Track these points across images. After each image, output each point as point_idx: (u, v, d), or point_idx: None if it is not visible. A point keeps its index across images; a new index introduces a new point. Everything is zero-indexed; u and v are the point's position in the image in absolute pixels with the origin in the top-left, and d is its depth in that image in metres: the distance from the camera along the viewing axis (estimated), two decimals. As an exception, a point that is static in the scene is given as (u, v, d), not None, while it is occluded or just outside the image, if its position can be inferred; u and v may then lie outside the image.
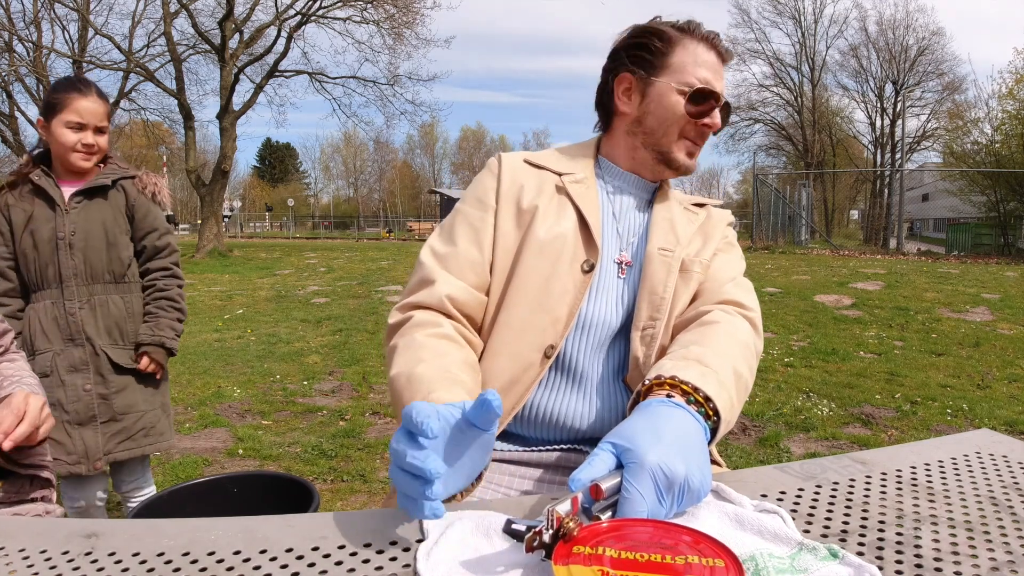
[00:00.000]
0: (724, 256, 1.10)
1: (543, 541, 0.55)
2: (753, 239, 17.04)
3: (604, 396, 1.00)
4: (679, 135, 1.06)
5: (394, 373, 0.89)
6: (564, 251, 1.01)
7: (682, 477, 0.63)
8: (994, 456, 0.83)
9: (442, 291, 0.97)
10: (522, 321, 0.98)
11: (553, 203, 1.05)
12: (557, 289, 0.99)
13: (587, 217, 1.03)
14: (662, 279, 1.01)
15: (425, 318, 0.96)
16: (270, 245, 23.11)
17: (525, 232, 1.02)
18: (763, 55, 31.32)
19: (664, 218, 1.08)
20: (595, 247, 1.02)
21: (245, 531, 0.66)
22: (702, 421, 0.74)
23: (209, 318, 7.30)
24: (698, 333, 0.93)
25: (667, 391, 0.78)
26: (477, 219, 1.04)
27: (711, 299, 1.02)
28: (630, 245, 1.07)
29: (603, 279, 1.03)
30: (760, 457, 3.19)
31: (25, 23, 17.40)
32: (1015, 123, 16.84)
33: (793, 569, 0.57)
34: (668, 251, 1.03)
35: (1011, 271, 10.29)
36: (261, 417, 3.85)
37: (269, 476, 1.50)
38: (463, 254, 1.01)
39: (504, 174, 1.07)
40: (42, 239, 1.81)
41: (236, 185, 53.97)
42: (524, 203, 1.04)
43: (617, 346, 1.03)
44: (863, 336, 5.82)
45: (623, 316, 1.03)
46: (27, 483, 1.08)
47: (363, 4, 17.17)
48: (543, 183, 1.07)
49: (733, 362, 0.88)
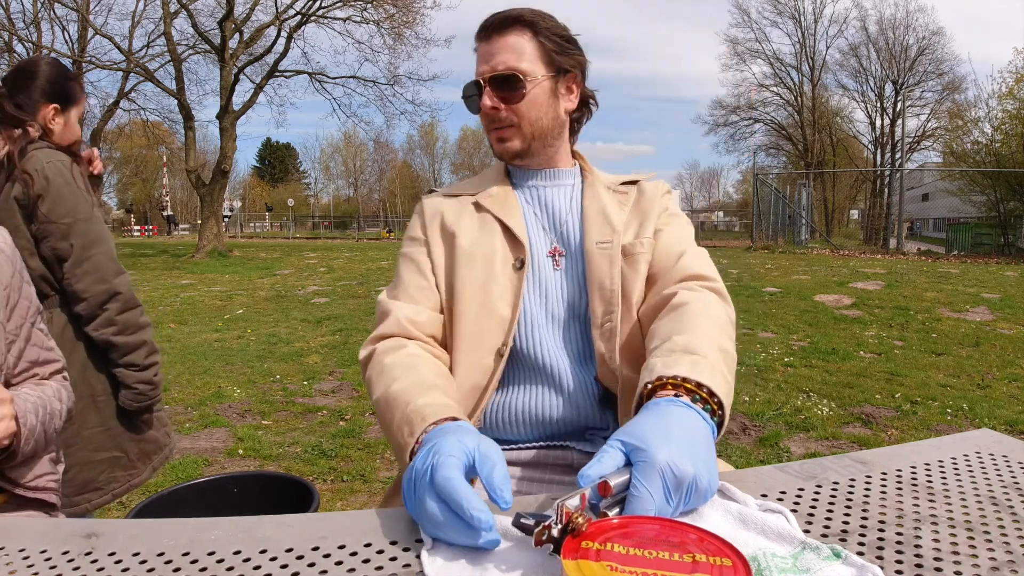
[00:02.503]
0: (669, 229, 1.11)
1: (552, 535, 0.55)
2: (753, 239, 17.03)
3: (572, 387, 1.03)
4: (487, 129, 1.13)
5: (374, 399, 0.95)
6: (495, 255, 1.06)
7: (691, 477, 0.64)
8: (994, 456, 0.83)
9: (399, 315, 1.04)
10: (472, 329, 1.04)
11: (475, 219, 1.11)
12: (496, 291, 1.04)
13: (506, 220, 1.09)
14: (607, 272, 1.04)
15: (390, 345, 1.01)
16: (270, 245, 23.12)
17: (453, 248, 1.08)
18: (763, 55, 31.35)
19: (596, 210, 1.11)
20: (520, 244, 1.07)
21: (245, 531, 0.66)
22: (709, 420, 0.74)
23: (209, 318, 7.30)
24: (674, 320, 0.94)
25: (672, 391, 0.78)
26: (414, 253, 1.12)
27: (672, 278, 1.03)
28: (561, 236, 1.11)
29: (538, 274, 1.08)
30: (760, 457, 3.19)
31: (25, 23, 17.42)
32: (1015, 123, 16.84)
33: (796, 569, 0.57)
34: (606, 243, 1.06)
35: (1011, 271, 10.29)
36: (261, 417, 3.86)
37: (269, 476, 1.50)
38: (410, 284, 1.09)
39: (427, 210, 1.15)
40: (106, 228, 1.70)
41: (236, 185, 54.02)
42: (447, 226, 1.11)
43: (576, 340, 1.06)
44: (863, 336, 5.82)
45: (566, 307, 1.06)
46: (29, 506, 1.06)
47: (363, 4, 17.17)
48: (462, 207, 1.13)
49: (718, 341, 0.89)
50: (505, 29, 1.08)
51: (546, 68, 1.08)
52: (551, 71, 1.09)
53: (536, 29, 1.08)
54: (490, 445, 0.70)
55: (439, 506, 0.62)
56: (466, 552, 0.61)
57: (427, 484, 0.65)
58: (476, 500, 0.61)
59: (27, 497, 1.05)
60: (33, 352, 1.09)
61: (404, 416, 0.85)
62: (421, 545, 0.64)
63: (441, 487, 0.63)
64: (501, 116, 1.08)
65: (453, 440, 0.70)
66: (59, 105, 1.64)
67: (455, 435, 0.72)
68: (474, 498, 0.61)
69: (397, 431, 0.85)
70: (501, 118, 1.09)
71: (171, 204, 45.89)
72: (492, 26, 1.09)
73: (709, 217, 55.72)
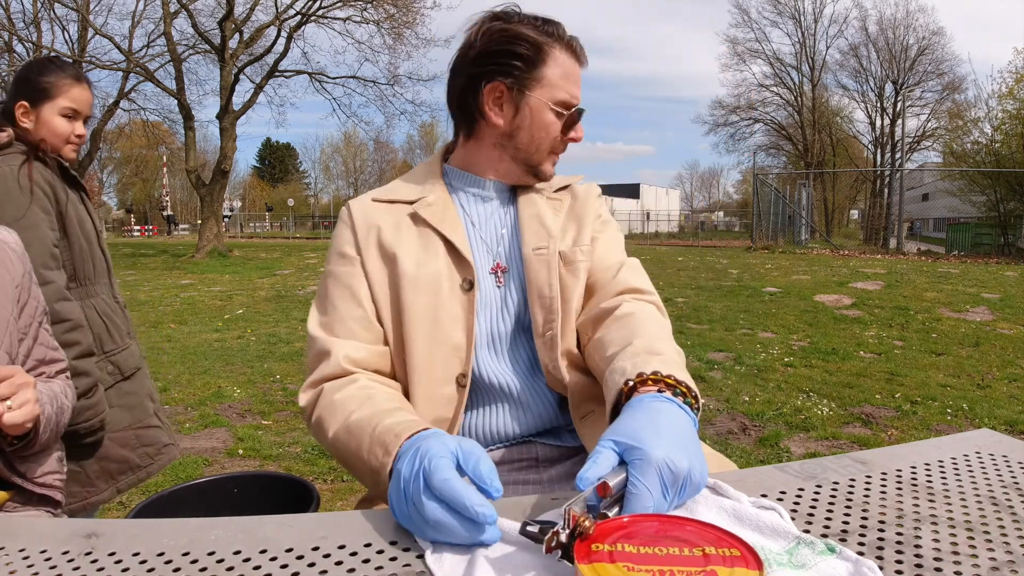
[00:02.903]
0: (604, 237, 1.10)
1: (560, 541, 0.55)
2: (753, 239, 17.03)
3: (528, 400, 1.02)
4: (550, 149, 1.07)
5: (331, 436, 0.88)
6: (441, 279, 0.99)
7: (686, 471, 0.64)
8: (994, 456, 0.83)
9: (339, 356, 0.95)
10: (425, 361, 0.97)
11: (413, 235, 1.02)
12: (446, 317, 0.98)
13: (451, 238, 1.01)
14: (545, 279, 1.01)
15: (337, 383, 0.94)
16: (270, 245, 23.11)
17: (395, 272, 0.99)
18: (763, 55, 31.35)
19: (531, 215, 1.07)
20: (468, 265, 1.00)
21: (245, 531, 0.66)
22: (690, 412, 0.75)
23: (209, 318, 7.30)
24: (624, 327, 0.93)
25: (654, 387, 0.78)
26: (347, 275, 1.01)
27: (610, 291, 1.02)
28: (501, 249, 1.07)
29: (485, 293, 1.03)
30: (760, 457, 3.19)
31: (25, 23, 17.43)
32: (1015, 123, 16.85)
33: (791, 564, 0.57)
34: (543, 249, 1.03)
35: (1011, 271, 10.29)
36: (261, 417, 3.86)
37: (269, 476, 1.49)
38: (346, 315, 0.99)
39: (357, 221, 1.04)
40: (87, 229, 1.64)
41: (236, 185, 54.03)
42: (386, 244, 1.01)
43: (523, 352, 1.04)
44: (863, 336, 5.82)
45: (513, 322, 1.04)
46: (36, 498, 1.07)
47: (363, 4, 17.17)
48: (398, 218, 1.04)
49: (671, 344, 0.91)
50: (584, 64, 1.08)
51: None
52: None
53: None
54: (470, 442, 0.71)
55: (440, 507, 0.62)
56: (469, 551, 0.61)
57: (422, 488, 0.64)
58: (477, 496, 0.62)
59: (35, 493, 1.05)
60: (40, 351, 1.10)
61: (374, 439, 0.80)
62: (421, 547, 0.64)
63: (440, 489, 0.63)
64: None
65: (435, 442, 0.69)
66: (26, 103, 1.59)
67: (435, 438, 0.72)
68: (475, 495, 0.62)
69: (368, 455, 0.80)
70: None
71: (171, 204, 45.88)
72: (583, 58, 1.07)
73: (709, 217, 55.72)
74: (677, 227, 47.11)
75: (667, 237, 34.61)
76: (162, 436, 1.75)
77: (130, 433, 1.64)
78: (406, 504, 0.66)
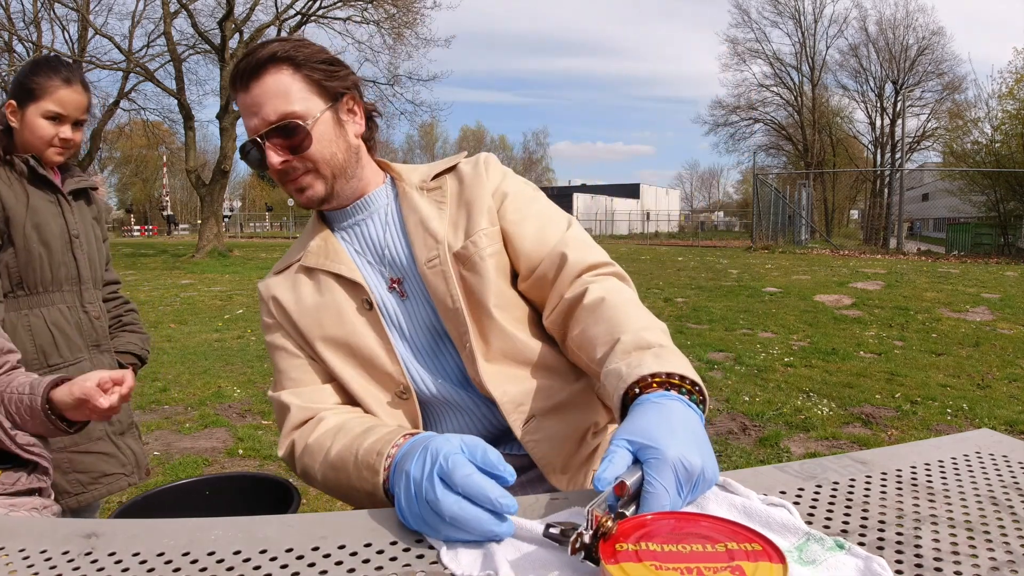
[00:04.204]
0: (522, 214, 1.02)
1: (584, 542, 0.55)
2: (753, 239, 17.04)
3: (471, 407, 1.02)
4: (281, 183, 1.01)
5: (320, 479, 0.91)
6: (342, 307, 1.00)
7: (699, 468, 0.65)
8: (994, 456, 0.83)
9: (298, 404, 0.98)
10: (365, 386, 0.99)
11: (308, 284, 1.03)
12: (361, 340, 0.99)
13: (335, 270, 1.01)
14: (445, 291, 0.98)
15: (304, 429, 0.96)
16: (270, 245, 23.11)
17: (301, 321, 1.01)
18: (763, 55, 31.36)
19: (415, 223, 1.02)
20: (359, 286, 1.00)
21: (245, 531, 0.66)
22: (696, 408, 0.75)
23: (209, 318, 7.30)
24: (601, 319, 0.90)
25: (659, 387, 0.77)
26: (276, 339, 1.04)
27: (566, 279, 0.97)
28: (393, 265, 1.03)
29: (388, 311, 1.02)
30: (760, 457, 3.19)
31: (25, 23, 17.43)
32: (1015, 123, 16.85)
33: (801, 560, 0.57)
34: (433, 260, 0.99)
35: (1011, 271, 10.29)
36: (261, 417, 3.86)
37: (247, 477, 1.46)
38: (290, 369, 1.02)
39: (264, 297, 1.07)
40: (52, 234, 1.58)
41: (236, 185, 53.94)
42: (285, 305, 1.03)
43: (450, 361, 1.02)
44: (863, 336, 5.82)
45: (428, 332, 1.02)
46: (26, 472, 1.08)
47: (363, 4, 17.18)
48: (293, 279, 1.05)
49: (656, 324, 0.89)
50: (262, 72, 0.95)
51: (321, 101, 0.97)
52: (327, 102, 0.98)
53: (296, 63, 0.96)
54: (470, 436, 0.71)
55: (460, 502, 0.63)
56: (484, 547, 0.62)
57: (438, 486, 0.65)
58: (498, 488, 0.64)
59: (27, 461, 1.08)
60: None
61: (358, 465, 0.82)
62: (422, 545, 0.64)
63: (464, 484, 0.64)
64: (294, 166, 0.97)
65: (441, 440, 0.70)
66: (15, 102, 1.55)
67: (438, 436, 0.72)
68: (496, 487, 0.64)
69: (358, 482, 0.82)
70: (294, 168, 0.97)
71: (171, 204, 45.92)
72: (246, 73, 0.95)
73: (709, 217, 55.72)
74: (677, 227, 47.08)
75: (667, 237, 34.60)
76: (103, 464, 1.64)
77: (63, 456, 1.55)
78: (418, 504, 0.66)
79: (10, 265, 1.52)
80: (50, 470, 1.13)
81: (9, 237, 1.51)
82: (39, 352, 1.55)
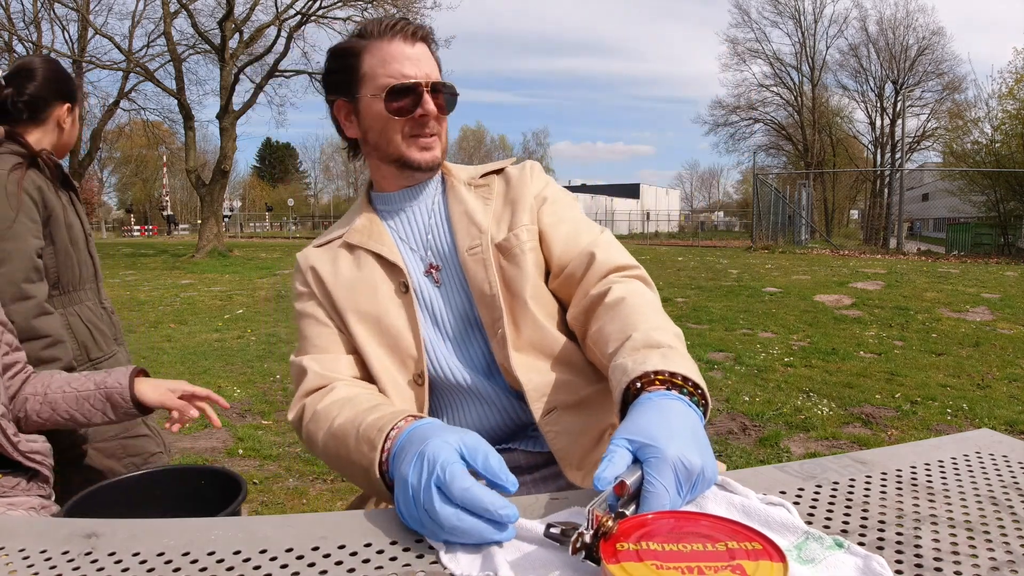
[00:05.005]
0: (560, 217, 1.08)
1: (584, 542, 0.55)
2: (753, 239, 17.04)
3: (492, 397, 1.03)
4: (403, 136, 1.05)
5: (321, 445, 0.92)
6: (377, 287, 1.04)
7: (699, 468, 0.65)
8: (994, 456, 0.83)
9: (315, 369, 1.01)
10: (384, 364, 1.02)
11: (348, 260, 1.08)
12: (392, 321, 1.02)
13: (377, 250, 1.05)
14: (483, 278, 1.02)
15: (316, 396, 0.98)
16: (270, 245, 23.12)
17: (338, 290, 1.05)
18: (763, 55, 31.37)
19: (460, 213, 1.07)
20: (398, 268, 1.04)
21: (245, 531, 0.66)
22: (696, 409, 0.75)
23: (209, 318, 7.31)
24: (618, 317, 0.92)
25: (661, 385, 0.77)
26: (307, 307, 1.08)
27: (593, 278, 1.00)
28: (433, 251, 1.08)
29: (423, 295, 1.06)
30: (760, 457, 3.20)
31: (25, 23, 17.45)
32: (1015, 123, 16.85)
33: (800, 559, 0.57)
34: (476, 248, 1.03)
35: (1011, 271, 10.30)
36: (261, 417, 3.86)
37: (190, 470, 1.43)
38: (315, 336, 1.06)
39: (302, 266, 1.11)
40: (76, 233, 1.59)
41: (236, 185, 54.02)
42: (323, 277, 1.07)
43: (477, 349, 1.05)
44: (863, 336, 5.82)
45: (460, 319, 1.05)
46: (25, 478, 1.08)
47: (363, 4, 17.17)
48: (334, 254, 1.09)
49: (670, 328, 0.90)
50: (426, 40, 1.05)
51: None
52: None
53: (435, 46, 1.08)
54: (471, 435, 0.70)
55: (458, 514, 0.62)
56: (483, 548, 0.62)
57: (435, 498, 0.64)
58: (499, 498, 0.63)
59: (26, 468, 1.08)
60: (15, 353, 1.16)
61: (359, 438, 0.82)
62: (422, 545, 0.64)
63: (463, 498, 0.63)
64: (433, 123, 1.05)
65: (439, 443, 0.68)
66: (71, 104, 1.59)
67: (435, 437, 0.70)
68: (496, 497, 0.63)
69: (356, 454, 0.82)
70: (432, 124, 1.05)
71: (171, 204, 45.87)
72: (411, 31, 1.04)
73: (709, 217, 55.72)
74: (677, 227, 47.09)
75: (667, 237, 34.60)
76: (150, 445, 1.71)
77: (116, 443, 1.61)
78: (416, 510, 0.65)
79: (49, 266, 1.51)
80: (51, 478, 1.13)
81: (51, 236, 1.52)
82: (81, 348, 1.58)
